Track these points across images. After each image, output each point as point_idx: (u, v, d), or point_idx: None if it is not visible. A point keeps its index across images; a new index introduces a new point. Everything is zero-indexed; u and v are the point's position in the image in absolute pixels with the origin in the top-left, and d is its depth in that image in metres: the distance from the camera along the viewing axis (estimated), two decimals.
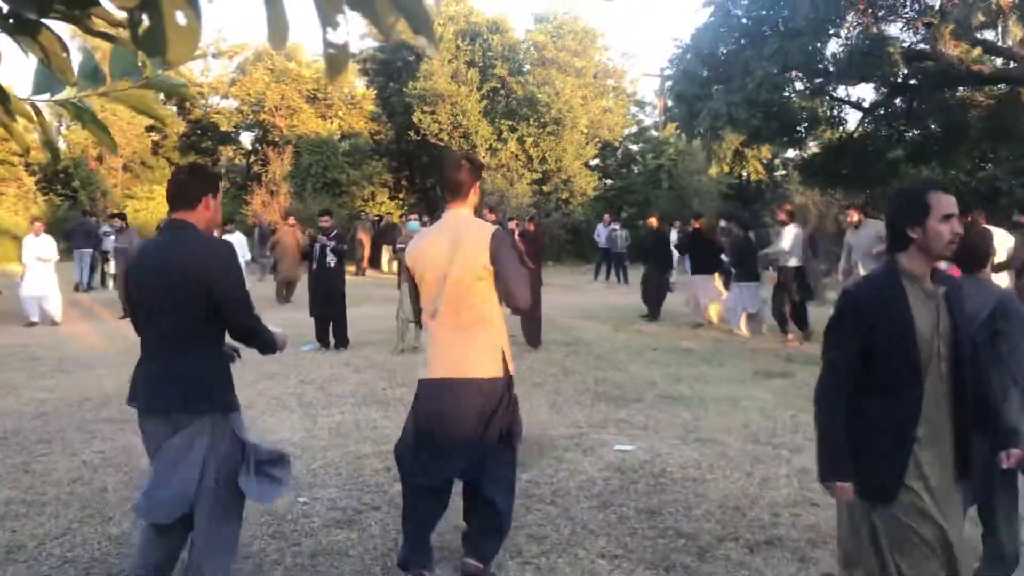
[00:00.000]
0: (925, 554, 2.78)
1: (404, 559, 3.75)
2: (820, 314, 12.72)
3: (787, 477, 5.35)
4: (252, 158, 36.17)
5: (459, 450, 3.64)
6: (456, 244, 3.68)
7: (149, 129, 33.88)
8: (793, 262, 11.38)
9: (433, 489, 3.74)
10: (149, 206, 30.62)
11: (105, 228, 20.14)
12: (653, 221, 14.48)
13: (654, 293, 13.80)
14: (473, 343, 3.68)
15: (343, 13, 1.18)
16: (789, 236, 11.39)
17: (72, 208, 28.84)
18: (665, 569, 3.95)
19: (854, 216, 10.56)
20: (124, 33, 1.34)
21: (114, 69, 1.70)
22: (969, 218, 10.87)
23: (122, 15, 1.32)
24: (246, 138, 37.86)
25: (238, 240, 15.29)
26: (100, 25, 1.45)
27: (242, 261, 14.89)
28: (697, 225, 13.56)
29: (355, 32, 33.73)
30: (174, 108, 35.84)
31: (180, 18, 1.22)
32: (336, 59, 1.22)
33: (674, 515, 4.65)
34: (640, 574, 3.89)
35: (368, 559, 4.04)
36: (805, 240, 11.84)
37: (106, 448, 5.90)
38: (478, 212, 4.02)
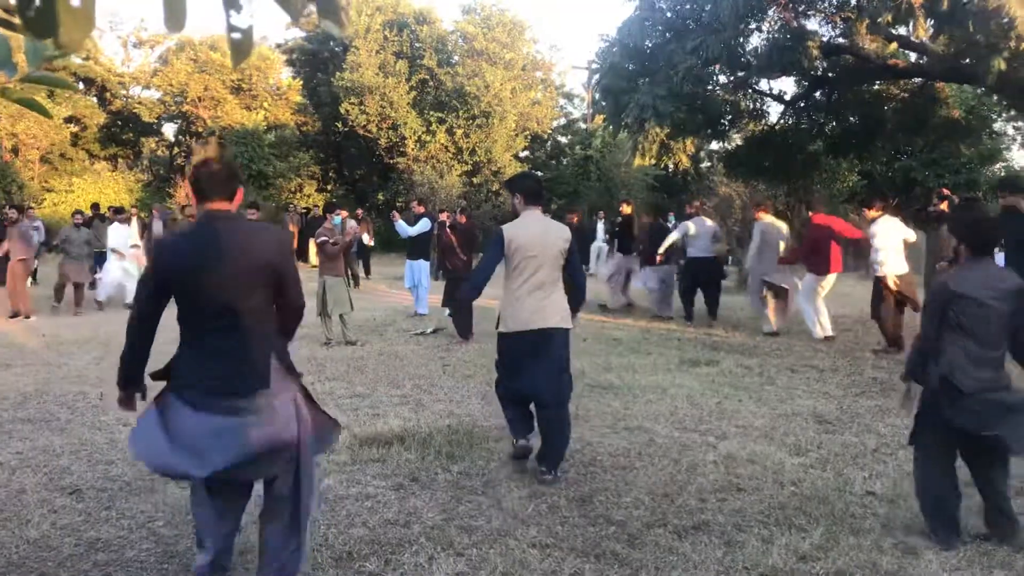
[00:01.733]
0: None
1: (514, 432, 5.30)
2: (737, 302, 13.04)
3: (714, 463, 5.46)
4: (175, 150, 35.31)
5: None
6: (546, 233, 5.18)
7: (68, 120, 32.78)
8: (696, 252, 12.37)
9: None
10: (68, 199, 29.64)
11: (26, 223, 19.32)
12: (574, 219, 15.13)
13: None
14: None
15: None
16: (684, 229, 12.42)
17: None
18: (595, 557, 3.99)
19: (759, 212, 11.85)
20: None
21: None
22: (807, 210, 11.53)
23: None
24: (169, 129, 36.98)
25: (124, 231, 14.92)
26: None
27: (128, 250, 14.47)
28: (627, 210, 14.63)
29: (281, 22, 33.06)
30: (94, 99, 34.77)
31: (74, 0, 1.17)
32: (240, 44, 1.19)
33: (604, 503, 4.71)
34: (571, 563, 3.93)
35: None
36: (715, 232, 12.71)
37: (23, 448, 5.70)
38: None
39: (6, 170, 29.38)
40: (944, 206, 9.43)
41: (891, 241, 9.69)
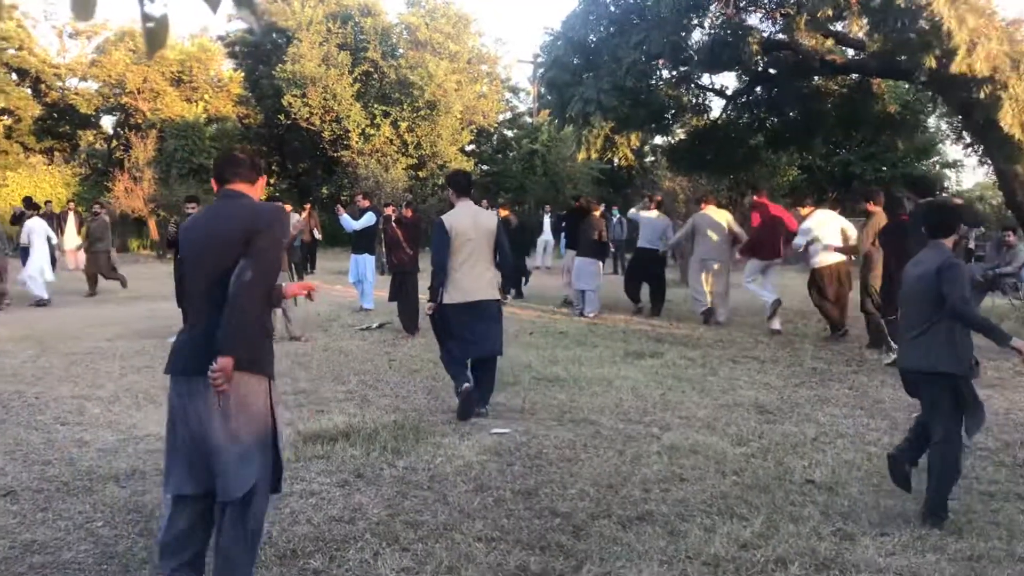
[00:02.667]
0: None
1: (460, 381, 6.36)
2: (680, 295, 13.20)
3: (658, 454, 5.53)
4: (114, 143, 34.48)
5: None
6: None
7: (1, 113, 31.78)
8: (644, 243, 12.73)
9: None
10: (1, 194, 28.79)
11: None
12: (503, 212, 15.12)
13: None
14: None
15: None
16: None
17: None
18: (541, 549, 4.02)
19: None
20: None
21: None
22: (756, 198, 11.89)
23: None
24: (107, 122, 36.07)
25: (40, 224, 14.49)
26: None
27: (44, 243, 13.86)
28: (577, 204, 14.51)
29: (223, 13, 32.55)
30: (28, 91, 33.75)
31: None
32: (155, 33, 1.17)
33: (549, 495, 4.74)
34: (516, 555, 3.94)
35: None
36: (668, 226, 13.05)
37: None
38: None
39: None
40: (871, 207, 9.77)
41: (828, 233, 9.99)
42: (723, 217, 12.09)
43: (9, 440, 5.74)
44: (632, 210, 12.89)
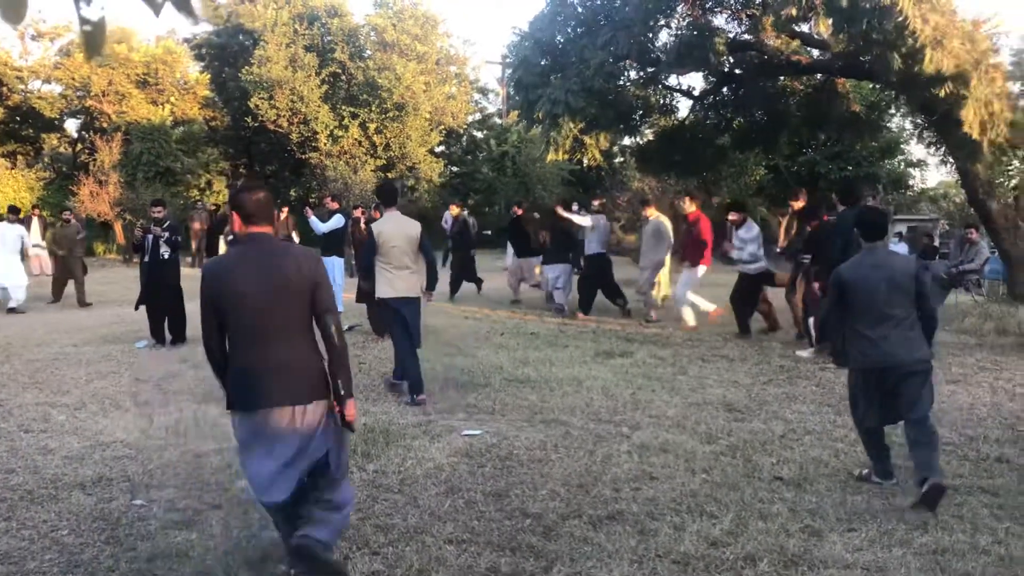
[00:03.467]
0: None
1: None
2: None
3: (628, 453, 5.55)
4: (78, 146, 33.98)
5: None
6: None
7: None
8: (593, 249, 12.48)
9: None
10: None
11: None
12: (454, 210, 15.16)
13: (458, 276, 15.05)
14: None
15: None
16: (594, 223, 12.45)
17: None
18: (511, 550, 4.02)
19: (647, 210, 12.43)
20: None
21: None
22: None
23: None
24: (71, 125, 35.52)
25: (17, 231, 14.18)
26: None
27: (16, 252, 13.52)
28: (519, 211, 14.68)
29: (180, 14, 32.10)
30: None
31: None
32: (92, 37, 1.15)
33: (520, 496, 4.74)
34: (487, 557, 3.94)
35: (210, 560, 3.91)
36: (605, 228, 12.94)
37: None
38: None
39: None
40: (797, 205, 10.06)
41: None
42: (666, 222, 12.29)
43: None
44: (579, 217, 12.56)
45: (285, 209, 21.08)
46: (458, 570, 3.81)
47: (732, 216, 10.88)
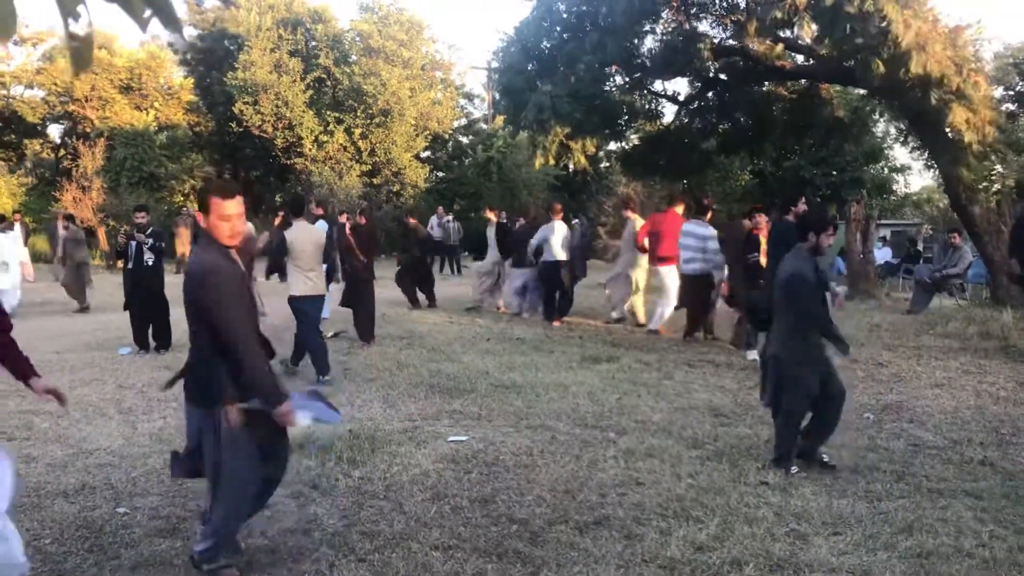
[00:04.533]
0: None
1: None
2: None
3: (614, 458, 5.54)
4: (61, 152, 33.77)
5: None
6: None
7: None
8: (548, 256, 12.37)
9: None
10: None
11: None
12: (412, 220, 15.12)
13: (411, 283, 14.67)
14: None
15: (83, 3, 1.11)
16: (544, 234, 12.43)
17: None
18: (498, 556, 4.00)
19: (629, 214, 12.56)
20: None
21: None
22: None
23: None
24: (54, 130, 35.33)
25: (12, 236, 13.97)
26: None
27: (16, 259, 13.37)
28: (493, 216, 14.67)
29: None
30: None
31: None
32: (80, 52, 1.15)
33: (507, 502, 4.73)
34: (473, 563, 3.92)
35: (193, 567, 3.88)
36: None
37: None
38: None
39: None
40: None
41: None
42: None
43: None
44: (535, 239, 12.60)
45: (280, 215, 21.02)
46: None
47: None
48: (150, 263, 10.05)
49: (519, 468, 5.35)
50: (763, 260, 8.91)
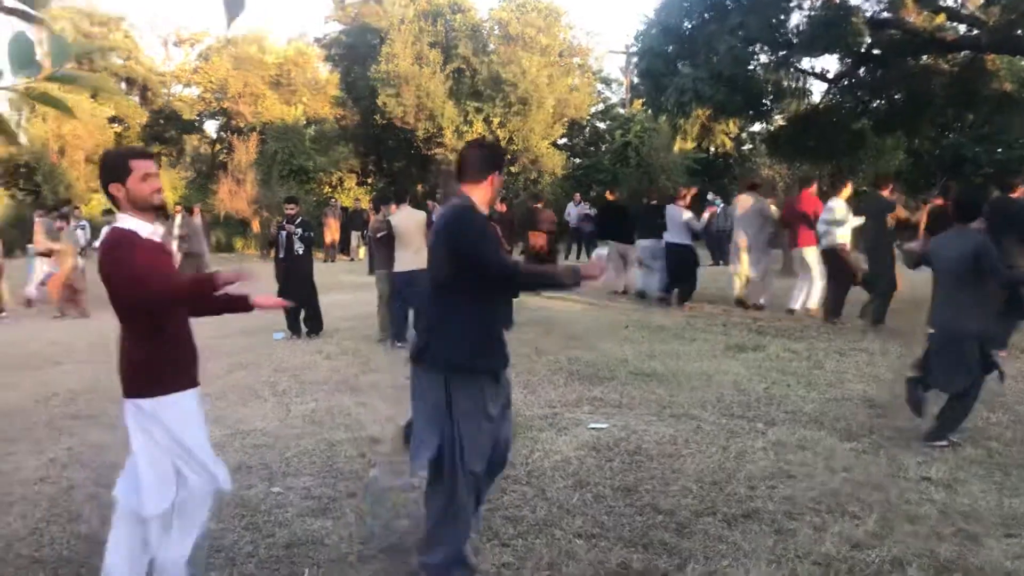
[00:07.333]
0: None
1: None
2: (784, 285, 12.80)
3: (763, 450, 5.35)
4: (217, 146, 35.66)
5: None
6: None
7: (112, 120, 33.24)
8: (671, 239, 12.31)
9: None
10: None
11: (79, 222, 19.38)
12: (538, 205, 15.02)
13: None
14: None
15: None
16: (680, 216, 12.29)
17: (36, 203, 28.21)
18: (643, 546, 3.92)
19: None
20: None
21: (13, 63, 1.61)
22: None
23: None
24: (210, 126, 37.35)
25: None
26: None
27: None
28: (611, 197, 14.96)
29: (319, 16, 33.35)
30: (136, 99, 35.23)
31: None
32: (232, 4, 1.14)
33: (651, 492, 4.63)
34: (618, 552, 3.86)
35: (344, 547, 3.98)
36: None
37: (74, 444, 5.78)
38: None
39: (54, 171, 29.89)
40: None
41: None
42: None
43: (123, 436, 5.86)
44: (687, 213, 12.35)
45: (433, 203, 21.46)
46: (589, 565, 3.75)
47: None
48: (300, 252, 10.44)
49: (663, 457, 5.24)
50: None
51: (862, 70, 14.64)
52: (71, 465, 5.33)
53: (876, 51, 13.78)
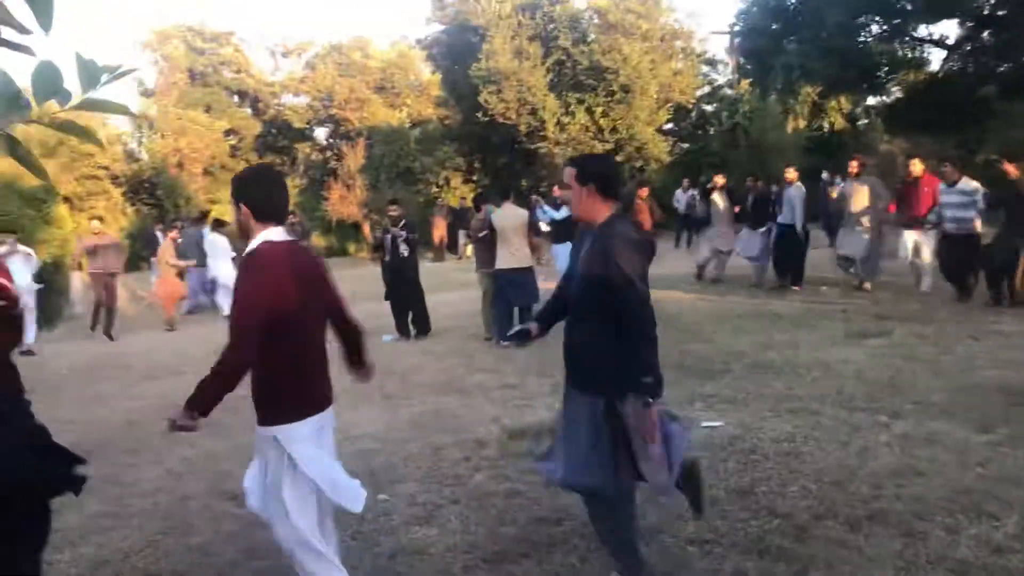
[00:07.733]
0: None
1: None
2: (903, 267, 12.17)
3: (887, 445, 5.04)
4: (327, 153, 36.62)
5: None
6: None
7: (227, 133, 34.59)
8: (782, 219, 12.17)
9: None
10: (231, 209, 31.31)
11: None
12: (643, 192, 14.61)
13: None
14: None
15: None
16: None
17: (159, 215, 29.65)
18: (759, 553, 3.73)
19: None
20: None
21: (37, 92, 1.60)
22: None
23: None
24: (320, 134, 38.36)
25: (223, 242, 14.63)
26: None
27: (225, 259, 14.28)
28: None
29: (420, 17, 33.88)
30: (248, 110, 36.53)
31: None
32: None
33: (767, 494, 4.42)
34: (733, 560, 3.68)
35: (448, 556, 3.94)
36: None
37: (191, 455, 5.94)
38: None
39: (174, 184, 31.33)
40: None
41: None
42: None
43: (237, 444, 5.93)
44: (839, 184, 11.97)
45: (535, 198, 21.42)
46: (702, 573, 3.60)
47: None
48: (405, 254, 10.53)
49: (780, 456, 5.00)
50: None
51: (985, 34, 13.81)
52: (187, 475, 5.48)
53: (1001, 12, 12.97)
